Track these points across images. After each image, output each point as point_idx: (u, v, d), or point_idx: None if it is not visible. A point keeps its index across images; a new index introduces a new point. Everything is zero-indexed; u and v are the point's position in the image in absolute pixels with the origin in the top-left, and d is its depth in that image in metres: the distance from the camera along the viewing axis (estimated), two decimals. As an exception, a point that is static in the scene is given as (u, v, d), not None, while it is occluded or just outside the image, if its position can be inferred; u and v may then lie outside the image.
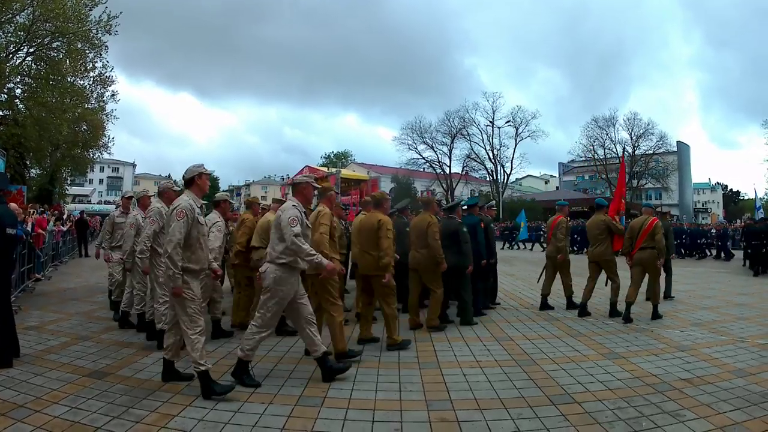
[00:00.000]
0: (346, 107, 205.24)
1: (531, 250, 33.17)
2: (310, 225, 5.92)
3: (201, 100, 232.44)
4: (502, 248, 32.40)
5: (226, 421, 4.39)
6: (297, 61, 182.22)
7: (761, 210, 27.53)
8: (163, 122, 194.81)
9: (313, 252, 5.46)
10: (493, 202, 13.91)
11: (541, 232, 33.12)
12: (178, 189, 7.26)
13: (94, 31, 26.10)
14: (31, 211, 15.69)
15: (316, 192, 6.14)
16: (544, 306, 10.08)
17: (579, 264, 11.17)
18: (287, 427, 4.30)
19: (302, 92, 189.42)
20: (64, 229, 20.06)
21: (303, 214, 5.63)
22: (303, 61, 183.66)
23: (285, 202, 6.90)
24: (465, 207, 10.00)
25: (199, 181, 5.44)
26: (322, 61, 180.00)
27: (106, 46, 27.55)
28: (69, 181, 45.46)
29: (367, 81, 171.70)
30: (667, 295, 10.78)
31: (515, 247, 34.51)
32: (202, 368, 4.96)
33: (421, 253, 7.96)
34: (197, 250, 5.30)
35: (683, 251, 27.57)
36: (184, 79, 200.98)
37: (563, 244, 10.15)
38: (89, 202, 66.92)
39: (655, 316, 9.00)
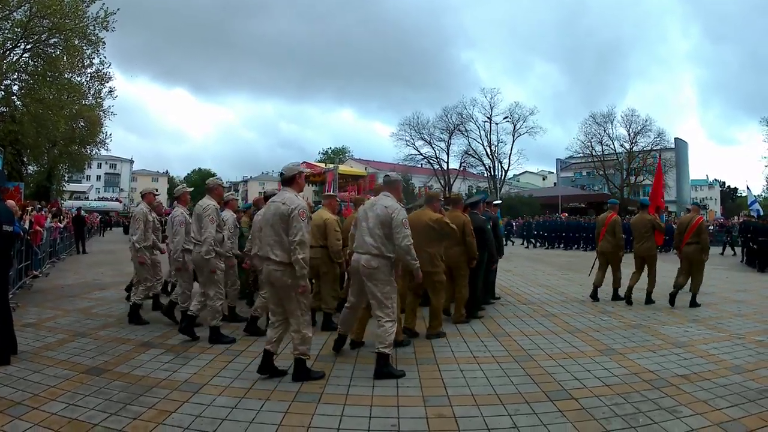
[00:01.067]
0: (342, 102, 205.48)
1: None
2: None
3: (196, 96, 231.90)
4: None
5: (223, 417, 4.40)
6: (292, 55, 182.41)
7: (756, 206, 27.49)
8: (159, 118, 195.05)
9: (417, 259, 5.96)
10: (500, 201, 14.13)
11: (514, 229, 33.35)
12: (227, 185, 7.57)
13: (91, 28, 26.03)
14: (29, 208, 15.67)
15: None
16: (594, 296, 10.76)
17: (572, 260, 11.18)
18: (284, 423, 4.31)
19: (298, 87, 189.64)
20: (62, 225, 20.02)
21: None
22: (298, 55, 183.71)
23: (333, 197, 7.09)
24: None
25: (299, 179, 5.78)
26: (318, 56, 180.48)
27: (104, 43, 27.51)
28: (66, 178, 45.35)
29: (364, 76, 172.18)
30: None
31: None
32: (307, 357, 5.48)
33: (454, 250, 8.08)
34: None
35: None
36: (178, 75, 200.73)
37: (622, 242, 10.92)
38: (87, 198, 66.80)
39: (693, 304, 9.90)
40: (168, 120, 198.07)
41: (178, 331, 7.12)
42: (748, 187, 35.70)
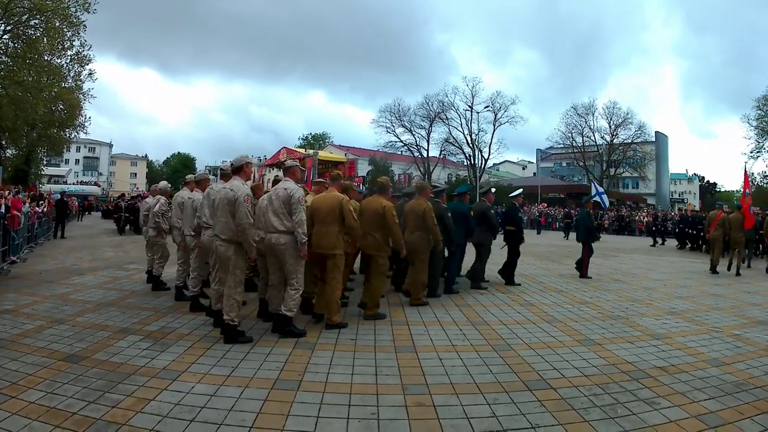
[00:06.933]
0: (313, 84, 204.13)
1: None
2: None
3: (164, 77, 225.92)
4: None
5: (202, 405, 4.38)
6: (260, 35, 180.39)
7: (597, 198, 28.49)
8: (128, 99, 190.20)
9: (306, 234, 6.66)
10: (494, 189, 14.33)
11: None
12: (206, 170, 7.81)
13: (72, 9, 25.76)
14: (6, 192, 15.49)
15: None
16: (714, 270, 14.61)
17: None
18: (264, 411, 4.30)
19: (267, 69, 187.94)
20: (40, 210, 19.79)
21: None
22: (266, 35, 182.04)
23: (322, 183, 8.33)
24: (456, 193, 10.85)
25: (246, 168, 6.73)
26: (286, 36, 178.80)
27: (84, 25, 27.23)
28: (45, 162, 44.94)
29: (333, 57, 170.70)
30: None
31: None
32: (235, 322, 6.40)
33: (415, 236, 8.53)
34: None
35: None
36: (145, 54, 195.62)
37: (728, 232, 15.26)
38: (65, 182, 66.14)
39: (738, 273, 14.38)
40: (137, 101, 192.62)
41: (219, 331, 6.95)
42: (592, 181, 39.03)
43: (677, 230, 27.27)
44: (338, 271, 7.20)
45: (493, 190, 12.57)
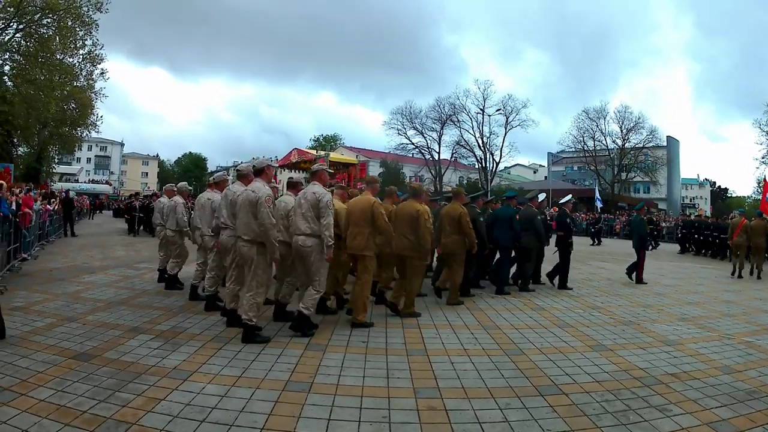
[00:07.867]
0: (323, 84, 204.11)
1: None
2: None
3: (174, 76, 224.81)
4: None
5: (213, 405, 4.37)
6: (269, 34, 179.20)
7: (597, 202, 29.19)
8: (138, 98, 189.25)
9: (333, 237, 6.78)
10: (544, 194, 14.86)
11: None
12: (219, 169, 7.90)
13: (84, 9, 25.89)
14: (17, 190, 15.56)
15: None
16: (739, 275, 15.26)
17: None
18: (274, 412, 4.29)
19: (277, 69, 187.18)
20: (51, 208, 19.85)
21: None
22: (276, 35, 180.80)
23: (345, 188, 8.90)
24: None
25: (267, 171, 6.89)
26: (295, 35, 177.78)
27: (97, 24, 27.36)
28: (56, 160, 45.18)
29: (343, 58, 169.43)
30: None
31: None
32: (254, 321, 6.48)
33: (452, 239, 8.92)
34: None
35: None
36: (155, 53, 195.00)
37: (746, 238, 15.70)
38: (77, 181, 66.41)
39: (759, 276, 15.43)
40: (148, 100, 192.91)
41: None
42: (595, 187, 40.62)
43: (680, 235, 27.22)
44: (368, 272, 7.52)
45: (541, 196, 12.74)
